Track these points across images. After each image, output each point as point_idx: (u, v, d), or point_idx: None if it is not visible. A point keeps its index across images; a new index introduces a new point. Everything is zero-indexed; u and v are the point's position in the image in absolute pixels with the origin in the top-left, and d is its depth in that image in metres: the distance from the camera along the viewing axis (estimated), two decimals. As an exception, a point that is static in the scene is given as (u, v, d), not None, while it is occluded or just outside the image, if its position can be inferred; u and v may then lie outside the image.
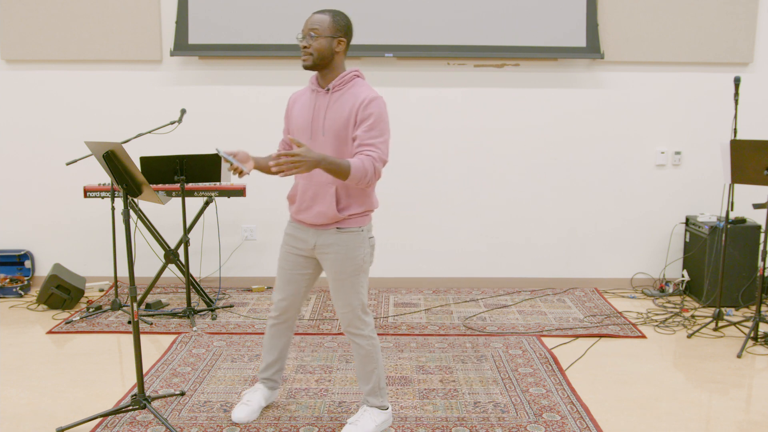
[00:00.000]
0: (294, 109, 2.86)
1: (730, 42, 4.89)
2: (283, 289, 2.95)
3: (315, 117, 2.76)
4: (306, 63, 2.72)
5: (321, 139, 2.73)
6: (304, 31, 2.72)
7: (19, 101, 5.00)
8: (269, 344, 3.08)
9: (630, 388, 3.40)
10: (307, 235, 2.84)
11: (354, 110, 2.69)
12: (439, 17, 4.84)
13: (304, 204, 2.80)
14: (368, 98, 2.69)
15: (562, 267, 5.19)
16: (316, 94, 2.79)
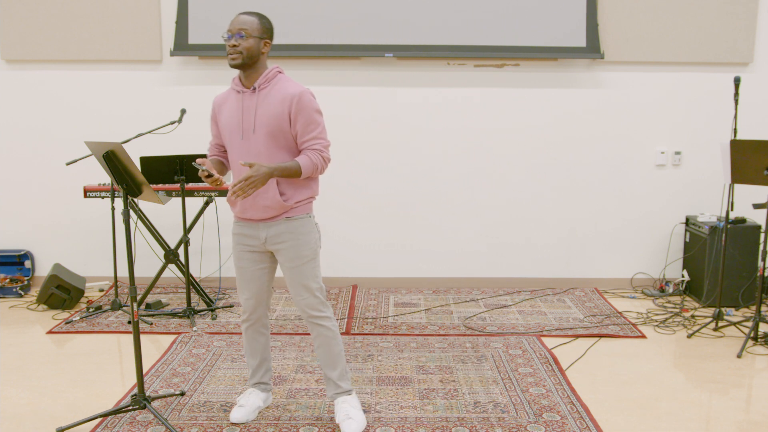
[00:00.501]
0: (222, 112, 2.88)
1: (730, 42, 4.89)
2: (246, 287, 2.98)
3: (245, 117, 2.81)
4: (236, 62, 2.76)
5: (252, 138, 2.80)
6: (232, 30, 2.75)
7: (19, 101, 5.00)
8: (250, 348, 3.09)
9: (630, 388, 3.40)
10: (257, 230, 2.89)
11: (286, 108, 2.77)
12: (439, 17, 4.84)
13: (248, 202, 2.84)
14: (297, 94, 2.77)
15: (562, 267, 5.19)
16: (241, 94, 2.83)
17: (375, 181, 5.08)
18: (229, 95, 2.89)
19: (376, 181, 5.08)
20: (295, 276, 2.88)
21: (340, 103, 5.00)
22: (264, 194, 2.80)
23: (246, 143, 2.80)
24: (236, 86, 2.85)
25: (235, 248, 2.96)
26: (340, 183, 5.07)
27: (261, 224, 2.87)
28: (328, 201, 5.09)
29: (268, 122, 2.77)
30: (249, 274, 2.96)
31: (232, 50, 2.74)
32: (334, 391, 3.00)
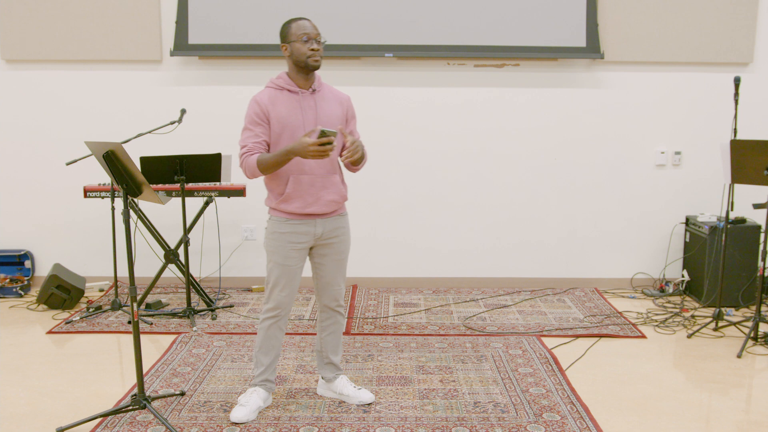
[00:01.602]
0: (276, 111, 2.93)
1: (730, 42, 4.89)
2: (288, 284, 3.03)
3: (306, 116, 2.95)
4: (318, 64, 2.93)
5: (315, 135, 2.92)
6: (317, 36, 2.94)
7: (19, 101, 5.00)
8: (267, 345, 3.09)
9: (630, 388, 3.40)
10: (313, 226, 3.00)
11: (344, 110, 3.07)
12: (439, 17, 4.84)
13: (312, 197, 2.95)
14: (348, 98, 3.13)
15: (562, 267, 5.19)
16: (299, 95, 2.96)
17: (375, 181, 5.08)
18: (277, 95, 2.95)
19: (376, 181, 5.08)
20: (338, 267, 3.12)
21: (340, 103, 5.00)
22: (331, 188, 2.99)
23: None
24: (289, 86, 2.95)
25: (283, 247, 2.98)
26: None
27: (319, 220, 3.00)
28: (328, 201, 5.09)
29: (330, 122, 2.97)
30: (293, 272, 3.02)
31: (317, 54, 2.92)
32: (335, 373, 3.24)
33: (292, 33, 2.92)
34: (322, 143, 2.69)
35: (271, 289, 3.05)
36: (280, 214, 2.99)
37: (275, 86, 2.98)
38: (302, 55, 2.90)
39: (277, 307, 3.05)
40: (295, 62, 2.93)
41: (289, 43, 2.93)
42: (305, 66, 2.92)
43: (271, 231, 3.02)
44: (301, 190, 2.94)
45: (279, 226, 2.99)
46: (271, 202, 3.03)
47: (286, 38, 2.94)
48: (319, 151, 2.70)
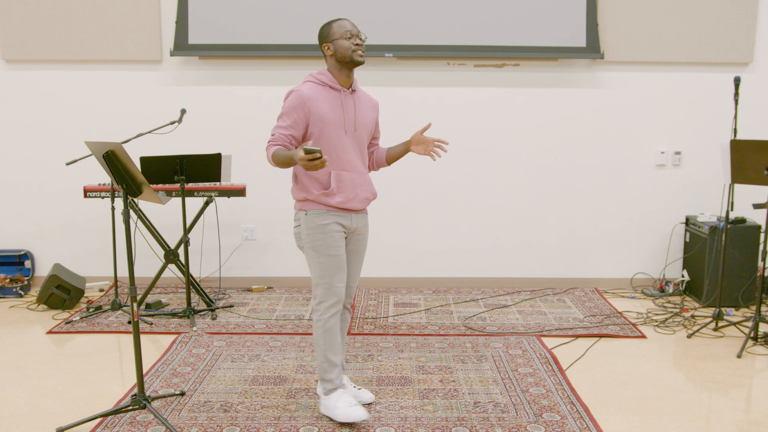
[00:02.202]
0: (318, 106, 2.89)
1: (730, 42, 4.89)
2: (343, 273, 2.99)
3: (347, 114, 2.97)
4: (363, 59, 2.94)
5: (354, 134, 2.99)
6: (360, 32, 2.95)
7: (19, 101, 5.00)
8: (334, 343, 2.99)
9: (630, 388, 3.40)
10: (350, 220, 3.02)
11: (376, 112, 3.13)
12: (439, 17, 4.84)
13: (353, 192, 2.98)
14: (378, 102, 3.17)
15: (562, 267, 5.19)
16: (341, 93, 2.96)
17: (375, 180, 5.08)
18: (319, 90, 2.93)
19: (376, 181, 5.08)
20: (358, 265, 3.14)
21: (340, 103, 5.00)
22: (365, 185, 3.04)
23: (350, 138, 2.97)
24: (331, 83, 2.95)
25: (331, 236, 2.95)
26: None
27: (354, 215, 3.03)
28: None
29: (366, 123, 3.04)
30: (343, 260, 2.99)
31: (361, 49, 2.92)
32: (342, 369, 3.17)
33: (335, 32, 2.91)
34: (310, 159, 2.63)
35: (329, 284, 2.95)
36: (319, 206, 2.94)
37: (318, 81, 2.95)
38: (347, 50, 2.89)
39: (339, 300, 2.97)
40: (340, 59, 2.91)
41: (331, 41, 2.91)
42: (350, 61, 2.90)
43: (313, 225, 2.94)
44: (342, 186, 2.94)
45: (320, 217, 2.94)
46: (309, 194, 2.94)
47: (328, 37, 2.92)
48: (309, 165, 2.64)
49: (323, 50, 2.96)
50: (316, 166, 2.64)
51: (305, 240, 2.98)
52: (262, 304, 4.75)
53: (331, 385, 3.02)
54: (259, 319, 4.40)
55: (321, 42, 2.96)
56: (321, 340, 2.99)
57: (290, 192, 3.10)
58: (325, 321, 2.97)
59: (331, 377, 3.01)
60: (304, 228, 2.98)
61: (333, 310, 2.97)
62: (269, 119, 5.00)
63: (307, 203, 2.96)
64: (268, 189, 5.08)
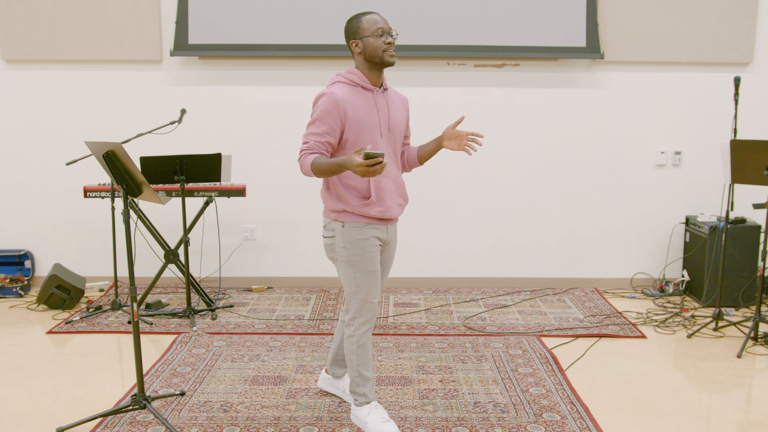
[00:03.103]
0: (353, 109, 2.73)
1: (730, 42, 4.89)
2: (378, 288, 2.89)
3: (381, 115, 2.82)
4: (394, 60, 2.78)
5: (388, 136, 2.85)
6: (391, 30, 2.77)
7: (19, 101, 5.00)
8: (370, 357, 2.92)
9: (630, 388, 3.40)
10: (385, 231, 2.90)
11: (407, 110, 3.00)
12: (439, 17, 4.84)
13: (391, 201, 2.86)
14: (407, 99, 3.03)
15: (562, 267, 5.19)
16: (373, 93, 2.81)
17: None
18: (351, 92, 2.76)
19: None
20: (386, 272, 3.04)
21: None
22: (401, 191, 2.93)
23: (385, 141, 2.83)
24: (363, 83, 2.78)
25: (370, 252, 2.81)
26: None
27: (389, 224, 2.91)
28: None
29: (399, 122, 2.91)
30: (378, 275, 2.87)
31: (392, 48, 2.75)
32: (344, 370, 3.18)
33: (364, 28, 2.72)
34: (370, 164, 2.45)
35: (364, 299, 2.84)
36: (358, 219, 2.79)
37: (348, 81, 2.78)
38: (377, 50, 2.71)
39: (372, 317, 2.87)
40: (369, 58, 2.74)
41: (360, 38, 2.73)
42: (380, 62, 2.73)
43: (351, 239, 2.79)
44: (382, 195, 2.79)
45: (359, 232, 2.79)
46: (348, 205, 2.78)
47: (357, 34, 2.74)
48: (368, 171, 2.47)
49: (350, 47, 2.78)
50: (375, 171, 2.47)
51: (340, 253, 2.83)
52: (262, 304, 4.75)
53: (364, 399, 2.94)
54: (259, 319, 4.40)
55: (348, 38, 2.78)
56: (354, 356, 2.89)
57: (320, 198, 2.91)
58: (359, 337, 2.87)
59: (364, 391, 2.93)
60: (339, 240, 2.82)
61: (367, 326, 2.88)
62: (269, 119, 5.01)
63: (345, 215, 2.80)
64: (268, 189, 5.08)
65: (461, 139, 2.91)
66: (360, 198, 2.78)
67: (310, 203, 5.10)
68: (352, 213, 2.79)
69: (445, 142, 2.94)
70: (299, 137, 5.04)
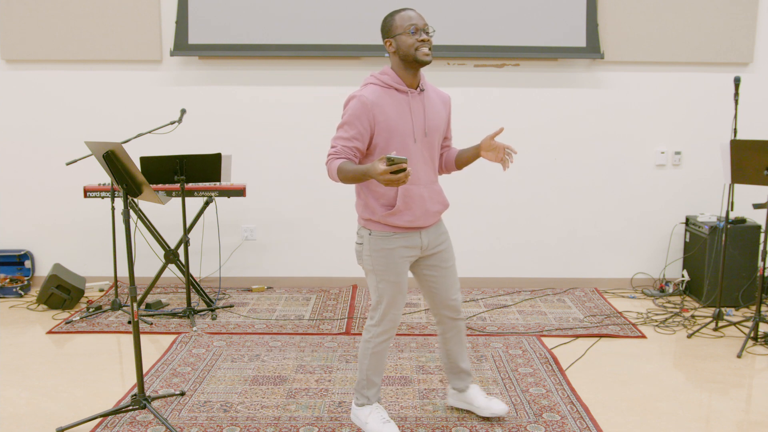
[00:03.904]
0: (384, 113, 2.64)
1: (730, 42, 4.89)
2: (402, 299, 2.81)
3: (416, 119, 2.70)
4: (430, 58, 2.65)
5: (423, 141, 2.73)
6: (426, 27, 2.65)
7: (19, 101, 5.00)
8: (380, 366, 2.88)
9: (630, 388, 3.40)
10: (418, 239, 2.79)
11: (447, 110, 2.85)
12: (439, 17, 4.84)
13: (421, 209, 2.73)
14: (449, 97, 2.89)
15: (562, 267, 5.19)
16: (408, 95, 2.69)
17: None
18: (383, 94, 2.66)
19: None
20: (450, 277, 2.90)
21: (341, 103, 5.00)
22: (436, 197, 2.79)
23: (420, 146, 2.71)
24: (397, 84, 2.67)
25: (396, 263, 2.75)
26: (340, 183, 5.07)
27: (424, 231, 2.80)
28: (328, 201, 5.10)
29: (438, 125, 2.77)
30: (405, 287, 2.81)
31: (427, 46, 2.63)
32: (467, 381, 3.06)
33: (397, 25, 2.62)
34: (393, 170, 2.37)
35: (386, 309, 2.79)
36: (384, 228, 2.73)
37: (381, 83, 2.67)
38: (410, 48, 2.61)
39: (392, 327, 2.82)
40: (403, 57, 2.64)
41: (393, 37, 2.63)
42: (414, 61, 2.62)
43: (377, 248, 2.74)
44: (410, 203, 2.69)
45: (385, 241, 2.73)
46: (374, 215, 2.72)
47: (390, 32, 2.64)
48: (392, 179, 2.38)
49: (385, 46, 2.69)
50: (399, 180, 2.37)
51: (366, 261, 2.78)
52: (262, 304, 4.75)
53: (366, 401, 2.92)
54: (259, 319, 4.40)
55: (383, 36, 2.69)
56: (366, 360, 2.86)
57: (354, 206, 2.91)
58: (375, 345, 2.83)
59: (368, 394, 2.91)
60: (366, 248, 2.77)
61: (386, 336, 2.83)
62: (269, 119, 5.01)
63: (372, 223, 2.75)
64: (268, 189, 5.08)
65: (498, 152, 2.80)
66: (386, 207, 2.71)
67: (310, 203, 5.10)
68: (378, 222, 2.74)
69: (482, 152, 2.83)
70: (299, 137, 5.04)
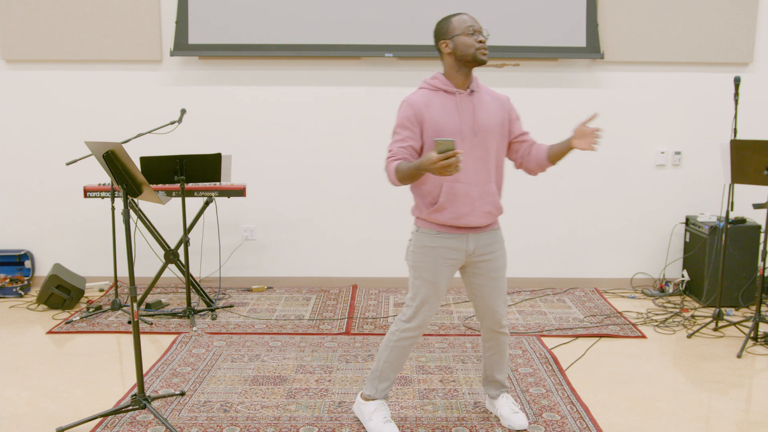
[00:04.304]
0: (431, 114, 2.70)
1: (730, 42, 4.89)
2: (436, 303, 2.82)
3: (464, 119, 2.73)
4: (487, 58, 2.71)
5: (474, 140, 2.74)
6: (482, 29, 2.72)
7: (19, 101, 5.00)
8: (400, 361, 2.90)
9: (630, 388, 3.40)
10: (465, 242, 2.78)
11: (506, 113, 2.85)
12: (439, 17, 4.84)
13: (467, 207, 2.72)
14: (508, 98, 2.91)
15: (562, 267, 5.19)
16: (456, 96, 2.74)
17: (375, 180, 5.08)
18: (432, 96, 2.73)
19: (377, 180, 5.08)
20: (496, 288, 2.86)
21: (341, 103, 5.00)
22: (487, 198, 2.76)
23: (469, 145, 2.73)
24: (445, 86, 2.74)
25: (434, 263, 2.77)
26: (340, 183, 5.08)
27: (472, 234, 2.78)
28: (328, 201, 5.10)
29: (491, 125, 2.77)
30: (442, 289, 2.81)
31: (484, 46, 2.69)
32: (499, 390, 3.06)
33: (455, 27, 2.68)
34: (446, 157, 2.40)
35: (418, 307, 2.80)
36: (430, 226, 2.77)
37: (430, 87, 2.76)
38: (469, 48, 2.67)
39: (421, 326, 2.83)
40: (460, 57, 2.69)
41: (451, 38, 2.69)
42: (473, 59, 2.68)
43: (420, 245, 2.78)
44: (455, 199, 2.70)
45: (428, 239, 2.76)
46: (420, 212, 2.78)
47: (447, 33, 2.70)
48: (445, 165, 2.42)
49: (440, 48, 2.74)
50: (451, 165, 2.41)
51: (409, 257, 2.84)
52: (262, 304, 4.75)
53: (373, 393, 2.94)
54: (259, 319, 4.40)
55: (438, 39, 2.74)
56: (386, 352, 2.89)
57: None
58: (399, 339, 2.86)
59: (379, 387, 2.93)
60: (412, 244, 2.84)
61: (412, 333, 2.84)
62: (269, 119, 5.01)
63: (419, 220, 2.81)
64: (268, 189, 5.08)
65: (589, 137, 2.72)
66: (430, 204, 2.75)
67: (310, 203, 5.10)
68: (424, 220, 2.78)
69: (575, 140, 2.74)
70: (299, 137, 5.04)
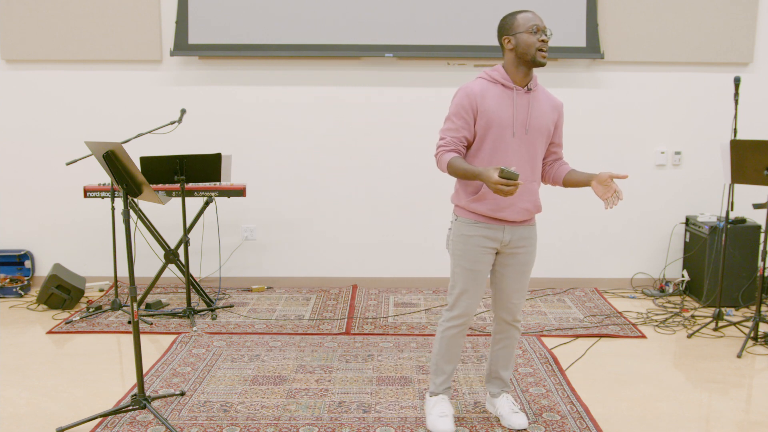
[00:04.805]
0: (486, 104, 2.71)
1: (730, 42, 4.89)
2: (476, 291, 2.83)
3: (518, 115, 2.74)
4: (546, 60, 2.71)
5: (525, 137, 2.76)
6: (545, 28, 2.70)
7: (19, 101, 5.00)
8: (451, 354, 2.92)
9: (630, 388, 3.40)
10: (501, 232, 2.80)
11: (556, 115, 2.85)
12: (439, 17, 4.84)
13: (506, 201, 2.75)
14: (562, 104, 2.89)
15: (562, 267, 5.19)
16: (513, 91, 2.73)
17: (375, 180, 5.08)
18: (489, 87, 2.73)
19: (377, 180, 5.08)
20: (519, 280, 2.89)
21: (341, 103, 5.00)
22: (527, 195, 2.79)
23: (518, 141, 2.74)
24: (504, 80, 2.73)
25: (472, 251, 2.80)
26: (340, 183, 5.07)
27: (508, 227, 2.80)
28: (328, 201, 5.10)
29: (541, 125, 2.78)
30: (482, 277, 2.83)
31: (546, 47, 2.68)
32: (500, 388, 3.07)
33: (519, 24, 2.67)
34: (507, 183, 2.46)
35: (459, 295, 2.84)
36: (468, 215, 2.80)
37: (489, 78, 2.75)
38: (530, 47, 2.66)
39: (463, 315, 2.84)
40: (520, 55, 2.69)
41: (514, 34, 2.68)
42: (532, 60, 2.67)
43: (458, 233, 2.82)
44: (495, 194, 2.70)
45: (466, 228, 2.80)
46: (460, 200, 2.81)
47: (511, 29, 2.69)
48: (502, 190, 2.48)
49: (502, 43, 2.73)
50: (508, 192, 2.48)
51: (449, 245, 2.88)
52: (262, 304, 4.75)
53: (435, 388, 2.98)
54: (259, 319, 4.40)
55: (501, 34, 2.74)
56: (437, 345, 2.94)
57: None
58: (445, 329, 2.89)
59: (437, 381, 2.97)
60: (452, 233, 2.87)
61: (455, 322, 2.86)
62: (269, 119, 5.01)
63: (458, 209, 2.84)
64: (268, 189, 5.08)
65: (609, 191, 2.77)
66: (471, 194, 2.78)
67: (310, 203, 5.10)
68: (463, 209, 2.82)
69: (595, 184, 2.80)
70: (299, 137, 5.04)
